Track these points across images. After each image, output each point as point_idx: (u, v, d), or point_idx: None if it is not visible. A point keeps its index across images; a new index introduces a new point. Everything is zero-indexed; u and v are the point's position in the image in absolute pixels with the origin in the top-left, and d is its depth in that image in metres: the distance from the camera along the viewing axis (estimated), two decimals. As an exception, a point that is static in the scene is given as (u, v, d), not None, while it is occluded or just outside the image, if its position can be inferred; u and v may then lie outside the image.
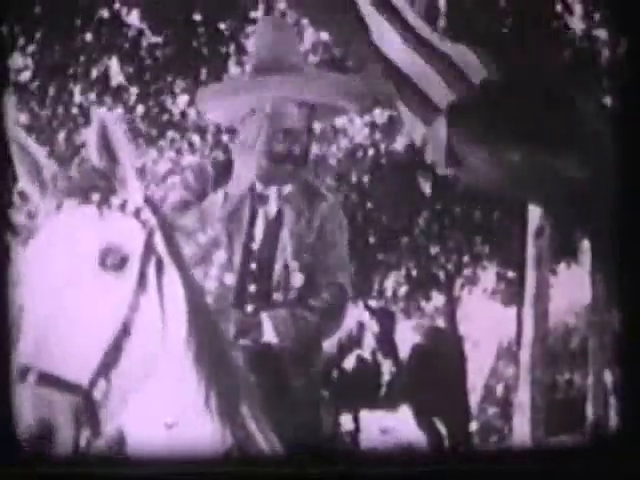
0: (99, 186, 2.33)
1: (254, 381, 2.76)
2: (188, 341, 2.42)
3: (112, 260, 2.27)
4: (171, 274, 2.41)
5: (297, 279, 3.28)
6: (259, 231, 3.33)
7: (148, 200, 2.42)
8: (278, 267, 3.29)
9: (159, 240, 2.40)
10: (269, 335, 3.16)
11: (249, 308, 3.24)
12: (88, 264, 2.26)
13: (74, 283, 2.23)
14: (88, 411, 2.19)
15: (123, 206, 2.34)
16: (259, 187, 3.34)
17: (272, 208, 3.35)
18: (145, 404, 2.34)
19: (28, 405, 2.13)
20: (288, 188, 3.36)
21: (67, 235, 2.29)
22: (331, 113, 3.51)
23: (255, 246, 3.32)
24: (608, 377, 11.33)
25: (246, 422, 2.51)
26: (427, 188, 7.60)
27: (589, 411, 11.53)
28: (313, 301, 3.25)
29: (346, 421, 3.38)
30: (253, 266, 3.30)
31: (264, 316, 3.18)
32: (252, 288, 3.29)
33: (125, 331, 2.26)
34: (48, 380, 2.15)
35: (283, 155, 3.31)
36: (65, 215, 2.32)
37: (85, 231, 2.29)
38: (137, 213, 2.36)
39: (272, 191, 3.35)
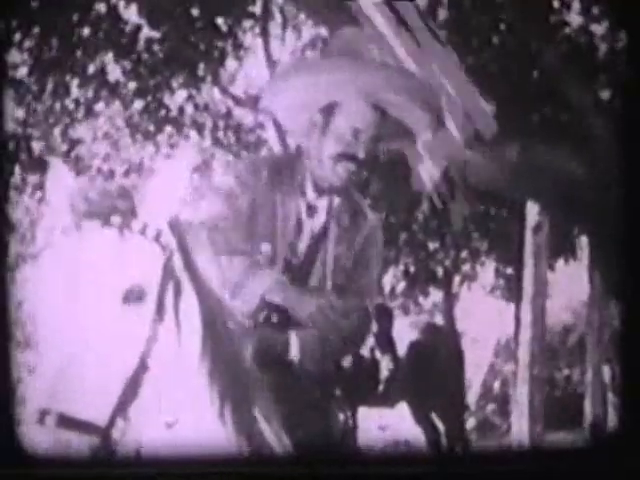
0: (120, 208, 2.27)
1: (266, 382, 2.71)
2: (203, 356, 2.36)
3: (134, 295, 2.22)
4: (188, 295, 2.35)
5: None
6: (303, 245, 3.23)
7: (171, 222, 2.34)
8: (312, 283, 3.21)
9: (177, 261, 2.33)
10: (294, 354, 3.10)
11: (275, 319, 3.13)
12: (107, 298, 2.20)
13: (92, 319, 2.18)
14: (106, 450, 2.16)
15: (144, 230, 2.28)
16: (311, 196, 3.25)
17: (319, 221, 3.25)
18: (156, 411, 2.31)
19: (46, 448, 2.11)
20: (337, 201, 3.24)
21: (85, 262, 2.22)
22: (395, 129, 3.29)
23: (296, 261, 3.22)
24: (606, 373, 11.32)
25: (258, 423, 2.47)
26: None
27: (587, 407, 11.52)
28: (340, 323, 3.15)
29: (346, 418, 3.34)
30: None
31: (293, 335, 3.10)
32: None
33: (143, 365, 2.22)
34: (67, 422, 2.12)
35: (347, 154, 3.18)
36: (83, 239, 2.25)
37: (104, 258, 2.22)
38: (157, 237, 2.29)
39: (322, 202, 3.24)
